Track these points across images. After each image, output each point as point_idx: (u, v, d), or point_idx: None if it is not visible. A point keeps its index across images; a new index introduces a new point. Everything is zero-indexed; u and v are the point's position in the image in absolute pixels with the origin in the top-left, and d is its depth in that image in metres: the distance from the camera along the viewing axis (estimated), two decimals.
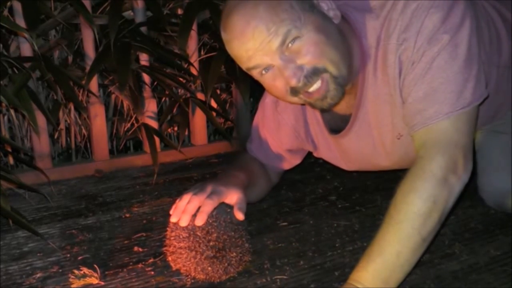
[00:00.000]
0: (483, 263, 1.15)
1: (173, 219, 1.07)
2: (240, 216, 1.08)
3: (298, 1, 0.97)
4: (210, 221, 1.06)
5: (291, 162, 1.40)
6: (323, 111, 1.16)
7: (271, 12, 0.95)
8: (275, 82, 1.02)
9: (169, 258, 1.10)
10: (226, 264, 1.05)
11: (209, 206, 1.05)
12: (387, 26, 1.02)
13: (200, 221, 1.04)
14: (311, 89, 1.01)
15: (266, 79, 1.03)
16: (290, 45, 0.98)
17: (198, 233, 1.05)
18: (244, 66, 1.04)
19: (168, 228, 1.11)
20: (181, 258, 1.06)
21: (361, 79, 1.08)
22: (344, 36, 1.04)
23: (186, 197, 1.08)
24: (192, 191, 1.10)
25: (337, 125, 1.20)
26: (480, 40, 1.06)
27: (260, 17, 0.95)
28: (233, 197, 1.10)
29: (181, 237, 1.06)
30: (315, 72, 0.99)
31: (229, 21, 0.99)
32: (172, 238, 1.08)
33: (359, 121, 1.14)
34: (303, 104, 1.15)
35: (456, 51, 0.99)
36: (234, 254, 1.06)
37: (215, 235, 1.04)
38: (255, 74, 1.04)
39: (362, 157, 1.23)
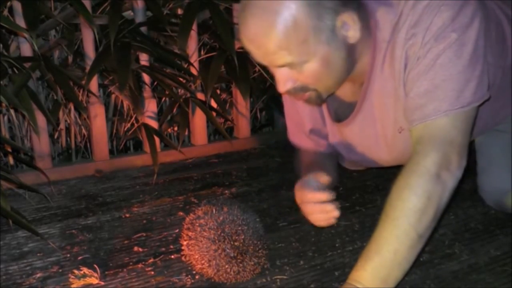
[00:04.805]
0: (483, 263, 1.15)
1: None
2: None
3: (316, 34, 0.96)
4: (241, 223, 1.07)
5: (325, 144, 1.38)
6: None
7: (285, 40, 0.95)
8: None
9: (185, 243, 1.10)
10: (240, 269, 1.06)
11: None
12: (397, 20, 1.03)
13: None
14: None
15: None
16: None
17: (227, 230, 1.05)
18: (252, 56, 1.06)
19: (192, 214, 1.12)
20: (200, 246, 1.06)
21: (369, 69, 1.08)
22: (353, 50, 1.04)
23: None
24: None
25: (344, 112, 1.20)
26: (488, 42, 1.06)
27: (273, 38, 0.95)
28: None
29: (208, 226, 1.07)
30: (303, 89, 1.05)
31: (244, 21, 0.98)
32: (197, 224, 1.08)
33: (364, 112, 1.14)
34: None
35: (462, 50, 0.99)
36: (252, 263, 1.07)
37: (242, 237, 1.05)
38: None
39: (363, 149, 1.23)
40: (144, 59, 1.78)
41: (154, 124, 1.80)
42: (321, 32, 0.96)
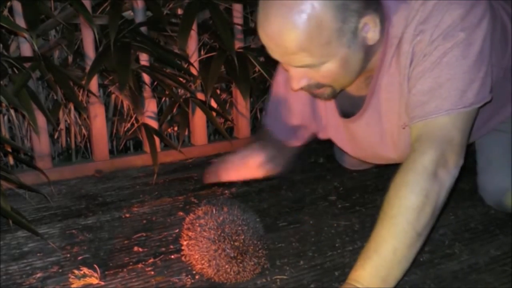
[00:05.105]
0: (483, 263, 1.15)
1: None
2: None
3: (339, 36, 0.95)
4: (241, 223, 1.06)
5: (301, 138, 1.38)
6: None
7: (307, 41, 0.94)
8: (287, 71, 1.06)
9: (185, 243, 1.10)
10: (240, 269, 1.06)
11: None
12: (407, 17, 1.03)
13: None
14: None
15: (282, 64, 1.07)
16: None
17: (227, 230, 1.05)
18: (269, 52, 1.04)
19: (192, 214, 1.12)
20: (200, 246, 1.06)
21: (379, 65, 1.08)
22: (370, 50, 1.03)
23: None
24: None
25: (347, 108, 1.20)
26: (492, 43, 1.06)
27: (295, 39, 0.94)
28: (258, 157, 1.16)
29: (208, 226, 1.07)
30: (318, 86, 1.05)
31: (266, 18, 0.96)
32: (197, 224, 1.08)
33: (371, 108, 1.14)
34: None
35: (468, 50, 0.99)
36: (252, 263, 1.07)
37: (242, 237, 1.05)
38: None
39: (368, 145, 1.23)
40: (144, 59, 1.78)
41: (154, 124, 1.80)
42: (344, 34, 0.95)
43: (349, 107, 1.20)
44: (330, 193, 1.56)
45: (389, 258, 0.92)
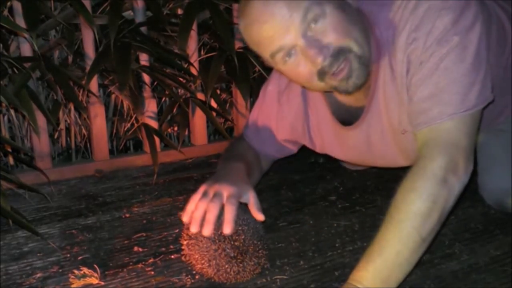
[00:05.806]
0: (483, 263, 1.15)
1: (193, 229, 1.05)
2: (260, 217, 1.08)
3: None
4: (241, 223, 1.06)
5: (284, 152, 1.39)
6: (347, 93, 1.08)
7: None
8: (300, 68, 1.01)
9: (185, 242, 1.10)
10: (240, 269, 1.06)
11: (232, 212, 1.04)
12: (397, 24, 1.03)
13: (228, 229, 1.02)
14: (337, 69, 0.99)
15: (289, 66, 1.02)
16: (313, 25, 0.97)
17: None
18: (266, 52, 1.02)
19: None
20: (200, 246, 1.06)
21: (375, 71, 1.08)
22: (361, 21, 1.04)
23: (201, 205, 1.06)
24: (204, 196, 1.08)
25: (346, 119, 1.20)
26: (489, 43, 1.06)
27: None
28: (246, 195, 1.10)
29: None
30: (340, 52, 0.98)
31: (247, 6, 0.98)
32: None
33: (371, 113, 1.14)
34: (305, 99, 1.19)
35: (464, 54, 0.99)
36: (252, 263, 1.06)
37: (242, 237, 1.05)
38: (278, 61, 1.02)
39: (369, 152, 1.23)
40: (144, 59, 1.78)
41: (154, 124, 1.80)
42: None
43: (348, 118, 1.20)
44: (330, 193, 1.56)
45: (391, 261, 0.92)
